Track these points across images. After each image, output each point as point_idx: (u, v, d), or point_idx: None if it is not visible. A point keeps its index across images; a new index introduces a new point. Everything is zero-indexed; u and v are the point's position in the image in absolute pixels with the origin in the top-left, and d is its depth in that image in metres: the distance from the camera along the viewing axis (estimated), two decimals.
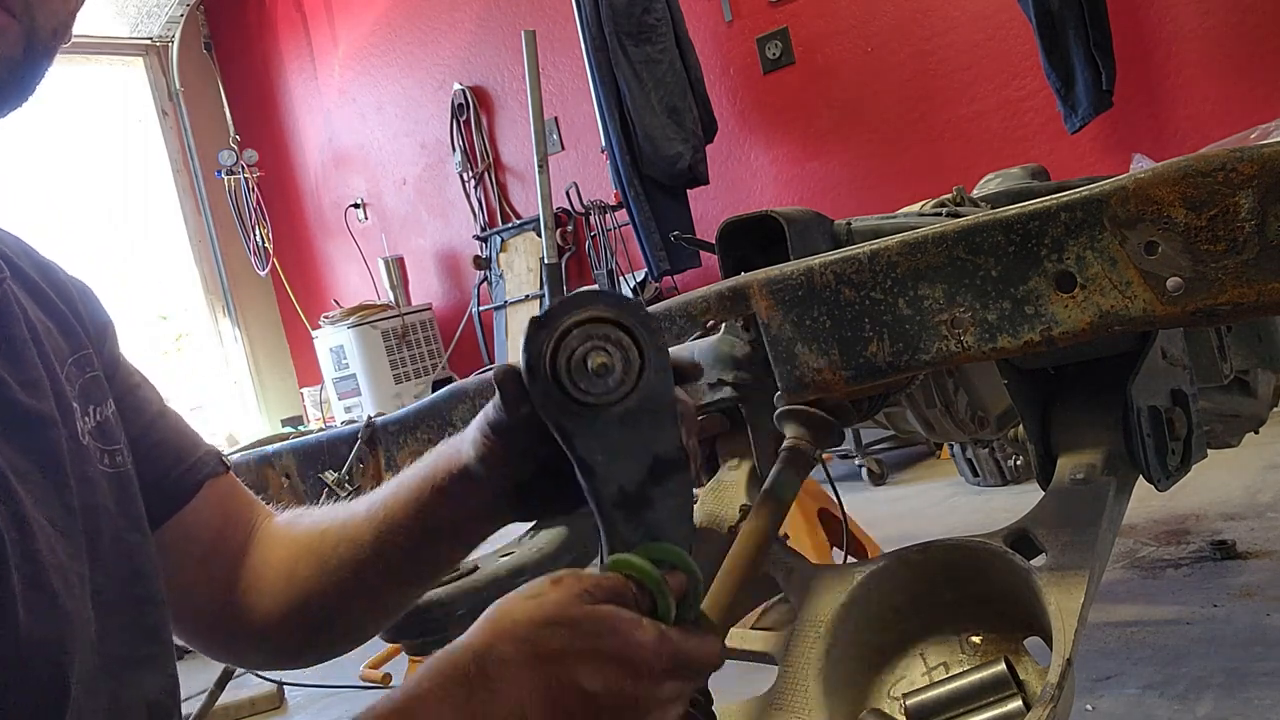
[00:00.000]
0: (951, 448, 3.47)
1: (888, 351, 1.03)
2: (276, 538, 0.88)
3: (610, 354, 0.65)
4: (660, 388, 0.67)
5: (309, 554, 0.83)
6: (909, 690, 1.07)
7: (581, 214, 5.02)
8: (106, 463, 0.74)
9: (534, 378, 0.66)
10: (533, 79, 3.90)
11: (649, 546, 0.67)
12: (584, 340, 0.65)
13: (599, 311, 0.65)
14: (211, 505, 0.86)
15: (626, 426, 0.66)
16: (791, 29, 4.51)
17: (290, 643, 0.86)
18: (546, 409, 0.66)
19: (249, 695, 2.91)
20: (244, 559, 0.87)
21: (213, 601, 0.84)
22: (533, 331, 0.66)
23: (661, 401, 0.67)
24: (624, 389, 0.65)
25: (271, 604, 0.84)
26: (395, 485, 0.81)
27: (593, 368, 0.64)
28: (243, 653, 0.89)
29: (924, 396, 1.66)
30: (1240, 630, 1.96)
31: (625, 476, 0.66)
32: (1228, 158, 0.85)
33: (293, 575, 0.83)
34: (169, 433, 0.85)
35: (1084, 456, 1.20)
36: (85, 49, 6.23)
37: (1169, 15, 3.72)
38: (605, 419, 0.66)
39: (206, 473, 0.86)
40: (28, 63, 0.65)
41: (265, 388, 6.63)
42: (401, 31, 5.83)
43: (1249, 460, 2.82)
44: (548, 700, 0.60)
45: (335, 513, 0.85)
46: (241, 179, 6.30)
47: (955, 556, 1.11)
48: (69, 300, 0.79)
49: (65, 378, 0.73)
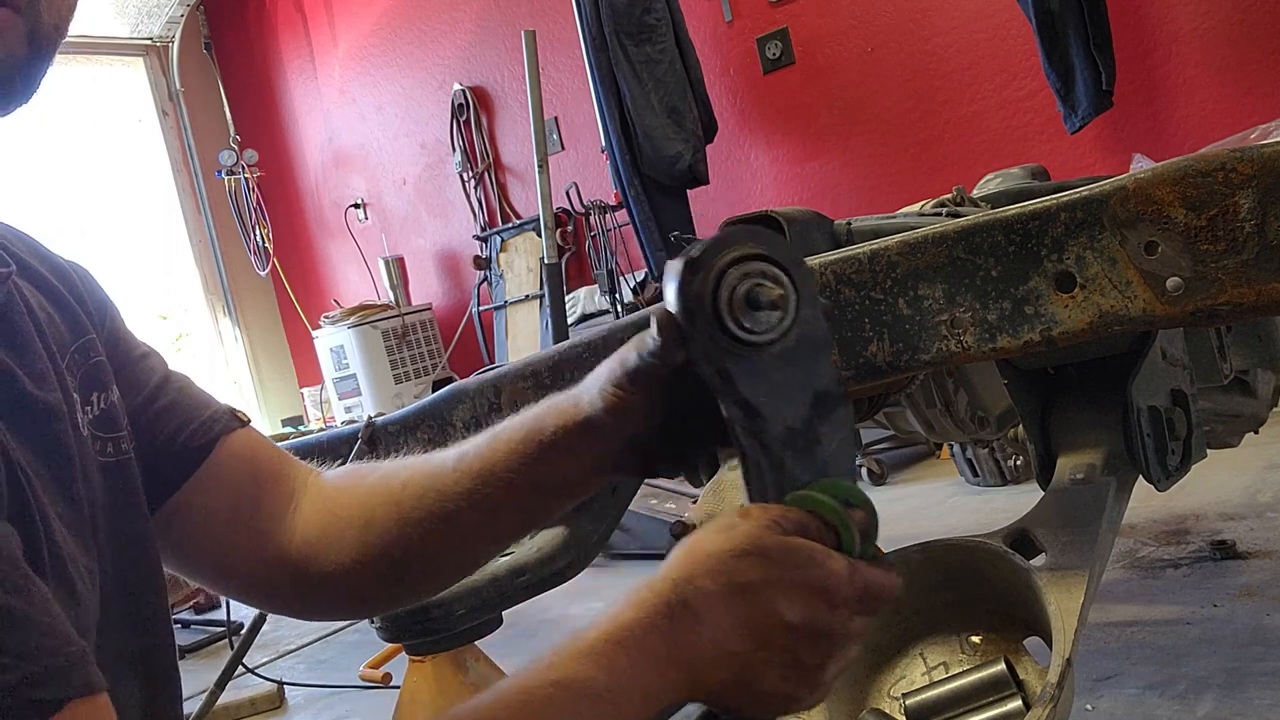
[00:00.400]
0: (951, 448, 3.47)
1: (888, 351, 1.03)
2: (340, 488, 0.86)
3: (771, 288, 0.63)
4: (816, 322, 0.66)
5: (388, 503, 0.81)
6: (909, 690, 1.07)
7: (581, 214, 5.02)
8: (108, 452, 0.74)
9: (694, 320, 0.63)
10: (533, 79, 3.90)
11: (824, 483, 0.66)
12: (742, 278, 0.63)
13: (752, 249, 0.64)
14: (232, 462, 0.84)
15: (788, 364, 0.65)
16: (791, 29, 4.51)
17: (368, 590, 0.84)
18: (709, 352, 0.64)
19: (249, 695, 2.91)
20: (296, 512, 0.85)
21: (265, 558, 0.83)
22: (688, 274, 0.63)
23: (818, 335, 0.66)
24: (784, 325, 0.64)
25: (345, 554, 0.82)
26: (491, 438, 0.79)
27: (766, 302, 0.63)
28: (313, 604, 0.87)
29: (924, 396, 1.66)
30: (1240, 630, 1.96)
31: (791, 415, 0.65)
32: (1227, 158, 0.85)
33: (369, 524, 0.81)
34: (175, 397, 0.84)
35: (1084, 456, 1.20)
36: (85, 49, 6.23)
37: (1169, 15, 3.72)
38: (767, 358, 0.64)
39: (218, 430, 0.84)
40: (32, 59, 0.65)
41: (265, 388, 6.63)
42: (401, 31, 5.83)
43: (1249, 460, 2.82)
44: (749, 629, 0.61)
45: (414, 463, 0.83)
46: (241, 179, 6.30)
47: (955, 556, 1.11)
48: (71, 287, 0.79)
49: (67, 368, 0.72)
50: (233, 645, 2.95)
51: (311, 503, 0.86)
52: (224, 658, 2.68)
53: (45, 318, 0.73)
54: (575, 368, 1.28)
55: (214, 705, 2.19)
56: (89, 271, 0.83)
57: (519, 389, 1.33)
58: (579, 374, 1.27)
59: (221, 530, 0.82)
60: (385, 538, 0.81)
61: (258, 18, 6.46)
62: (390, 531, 0.81)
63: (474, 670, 1.88)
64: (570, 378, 1.28)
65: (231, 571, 0.84)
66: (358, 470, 0.88)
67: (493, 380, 1.37)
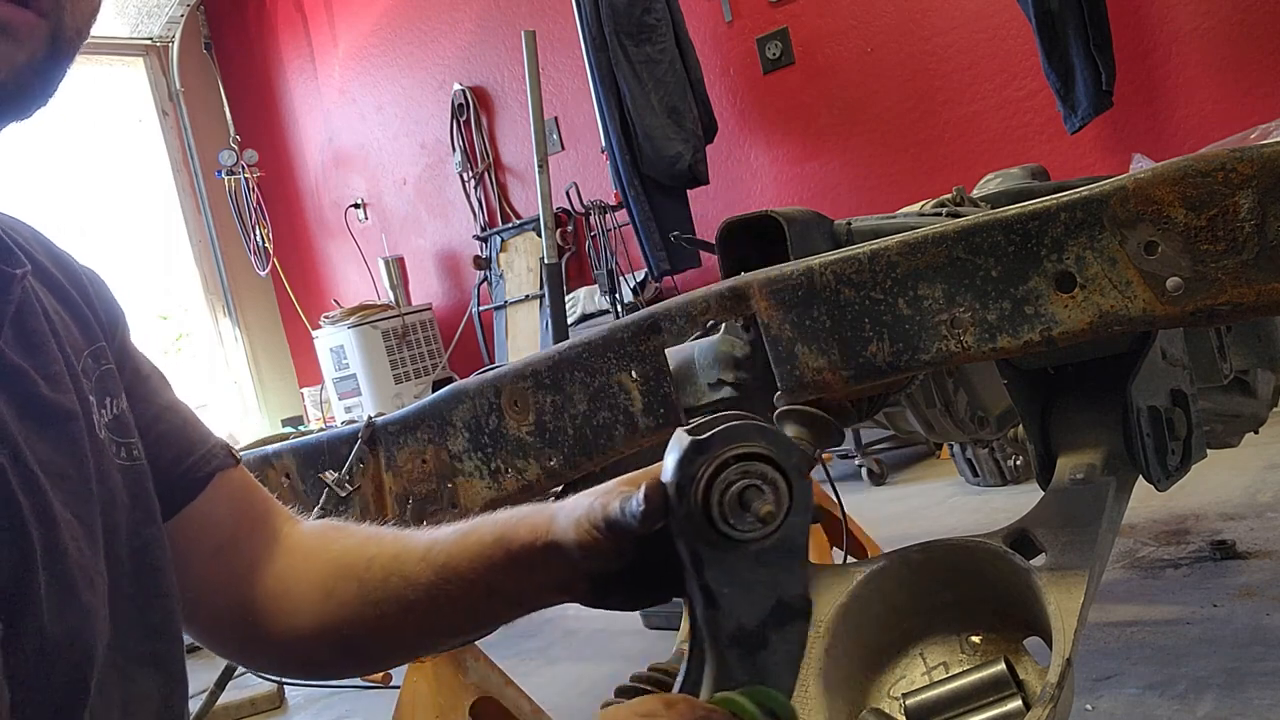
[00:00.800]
0: (951, 448, 3.46)
1: (888, 351, 1.03)
2: (312, 549, 0.86)
3: (765, 495, 0.64)
4: (799, 531, 0.66)
5: (350, 578, 0.82)
6: (909, 690, 1.07)
7: (581, 214, 5.02)
8: (123, 456, 0.74)
9: (682, 500, 0.65)
10: (533, 79, 3.90)
11: (757, 690, 0.66)
12: (742, 476, 0.64)
13: (760, 448, 0.65)
14: (223, 500, 0.85)
15: (760, 565, 0.65)
16: (791, 29, 4.51)
17: (318, 658, 0.85)
18: (685, 533, 0.65)
19: (249, 695, 2.91)
20: (267, 562, 0.86)
21: (230, 602, 0.83)
22: (690, 455, 0.64)
23: (797, 544, 0.66)
24: (768, 529, 0.65)
25: (303, 618, 0.83)
26: (461, 535, 0.79)
27: (756, 512, 0.64)
28: (260, 657, 0.87)
29: (924, 396, 1.66)
30: (1240, 630, 1.96)
31: (748, 614, 0.66)
32: (1227, 158, 0.85)
33: (330, 594, 0.82)
34: (178, 424, 0.84)
35: (1084, 456, 1.20)
36: (85, 49, 6.15)
37: (1169, 15, 3.72)
38: (741, 554, 0.65)
39: (216, 465, 0.85)
40: (53, 62, 0.65)
41: (265, 388, 6.63)
42: (401, 31, 5.83)
43: (1249, 460, 2.82)
44: None
45: (384, 541, 0.83)
46: (241, 179, 6.30)
47: (955, 556, 1.11)
48: (83, 292, 0.78)
49: (82, 371, 0.72)
50: None
51: (282, 558, 0.86)
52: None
53: (59, 320, 0.73)
54: (575, 368, 1.28)
55: (214, 705, 2.19)
56: (103, 280, 0.83)
57: (519, 389, 1.33)
58: (579, 374, 1.27)
59: (202, 566, 0.82)
60: (343, 612, 0.81)
61: (258, 18, 6.46)
62: (349, 607, 0.81)
63: (474, 670, 1.87)
64: (570, 378, 1.28)
65: (199, 608, 0.83)
66: (328, 533, 0.88)
67: (493, 380, 1.37)
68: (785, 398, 1.13)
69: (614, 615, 2.94)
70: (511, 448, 1.35)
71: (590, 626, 3.01)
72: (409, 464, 1.47)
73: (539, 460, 1.33)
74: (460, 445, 1.40)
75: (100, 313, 0.79)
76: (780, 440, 0.66)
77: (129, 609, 0.70)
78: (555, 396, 1.29)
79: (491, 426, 1.36)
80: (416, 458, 1.46)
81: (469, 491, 1.40)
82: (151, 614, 0.73)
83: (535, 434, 1.32)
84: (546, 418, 1.30)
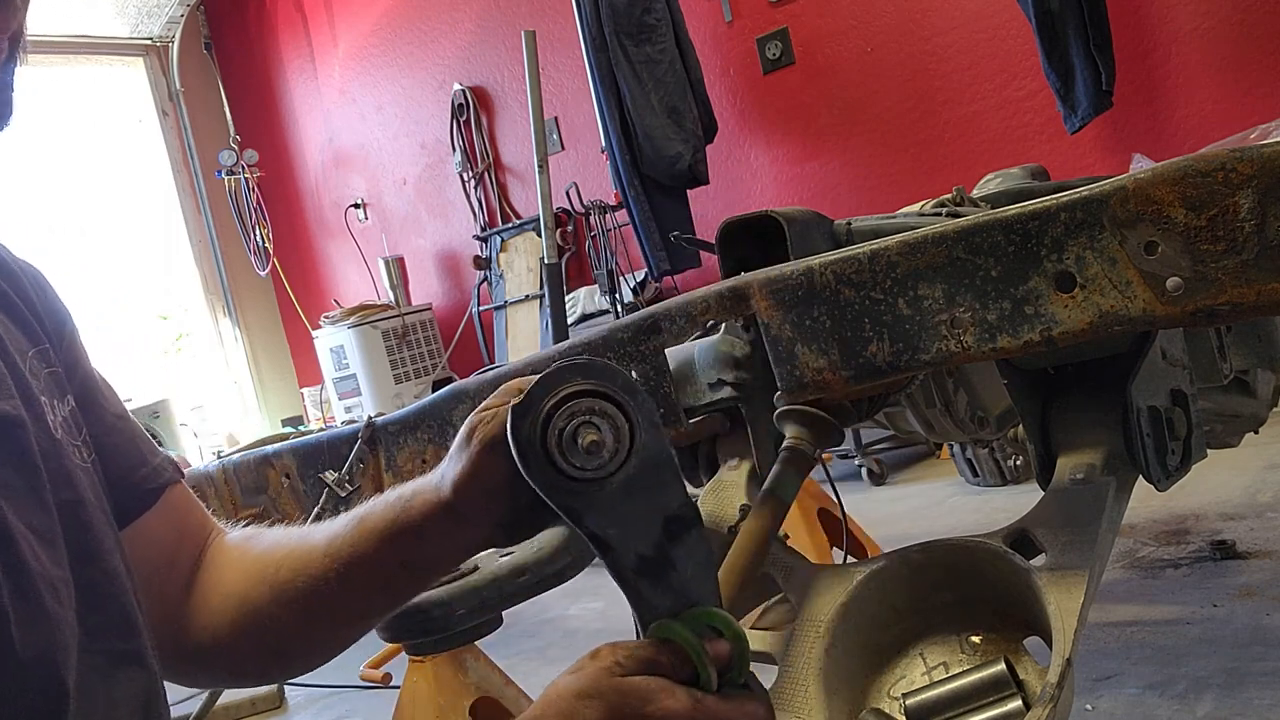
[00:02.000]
0: (951, 448, 3.47)
1: (888, 351, 1.03)
2: (228, 559, 0.87)
3: (599, 426, 0.64)
4: (656, 448, 0.66)
5: (261, 583, 0.82)
6: (909, 690, 1.07)
7: (581, 214, 5.02)
8: (80, 458, 0.73)
9: (528, 464, 0.65)
10: (533, 79, 3.90)
11: (692, 613, 0.66)
12: (569, 419, 0.64)
13: (576, 385, 0.65)
14: (167, 516, 0.84)
15: (631, 493, 0.65)
16: (791, 29, 4.51)
17: (242, 665, 0.86)
18: (550, 492, 0.65)
19: (249, 695, 2.91)
20: (194, 577, 0.86)
21: (163, 619, 0.83)
22: (516, 420, 0.65)
23: (660, 460, 0.66)
24: (619, 458, 0.65)
25: (221, 627, 0.83)
26: (358, 521, 0.80)
27: (584, 445, 0.64)
28: (189, 672, 0.87)
29: (924, 396, 1.66)
30: (1240, 630, 1.96)
31: (641, 543, 0.66)
32: (1227, 158, 0.85)
33: (244, 601, 0.82)
34: (129, 436, 0.83)
35: (1084, 456, 1.20)
36: (85, 49, 6.23)
37: (1169, 15, 3.72)
38: (609, 490, 0.65)
39: (166, 479, 0.84)
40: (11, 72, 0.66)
41: (265, 388, 6.63)
42: (401, 31, 5.83)
43: (1249, 460, 2.82)
44: None
45: (289, 544, 0.84)
46: (241, 179, 6.30)
47: (955, 556, 1.11)
48: (21, 291, 0.76)
49: (29, 371, 0.71)
50: None
51: (205, 570, 0.86)
52: None
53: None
54: None
55: (214, 705, 2.19)
56: (45, 278, 0.81)
57: None
58: None
59: (143, 582, 0.81)
60: (259, 617, 0.82)
61: (258, 18, 6.46)
62: (264, 611, 0.82)
63: (474, 670, 1.88)
64: None
65: None
66: (244, 542, 0.88)
67: (492, 380, 1.37)
68: (785, 398, 1.13)
69: (614, 615, 2.94)
70: None
71: (590, 627, 3.01)
72: (409, 464, 1.47)
73: None
74: None
75: (43, 314, 0.77)
76: (603, 368, 0.66)
77: (101, 609, 0.69)
78: None
79: None
80: (416, 458, 1.46)
81: None
82: (125, 611, 0.73)
83: None
84: None
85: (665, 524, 0.66)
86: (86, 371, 0.82)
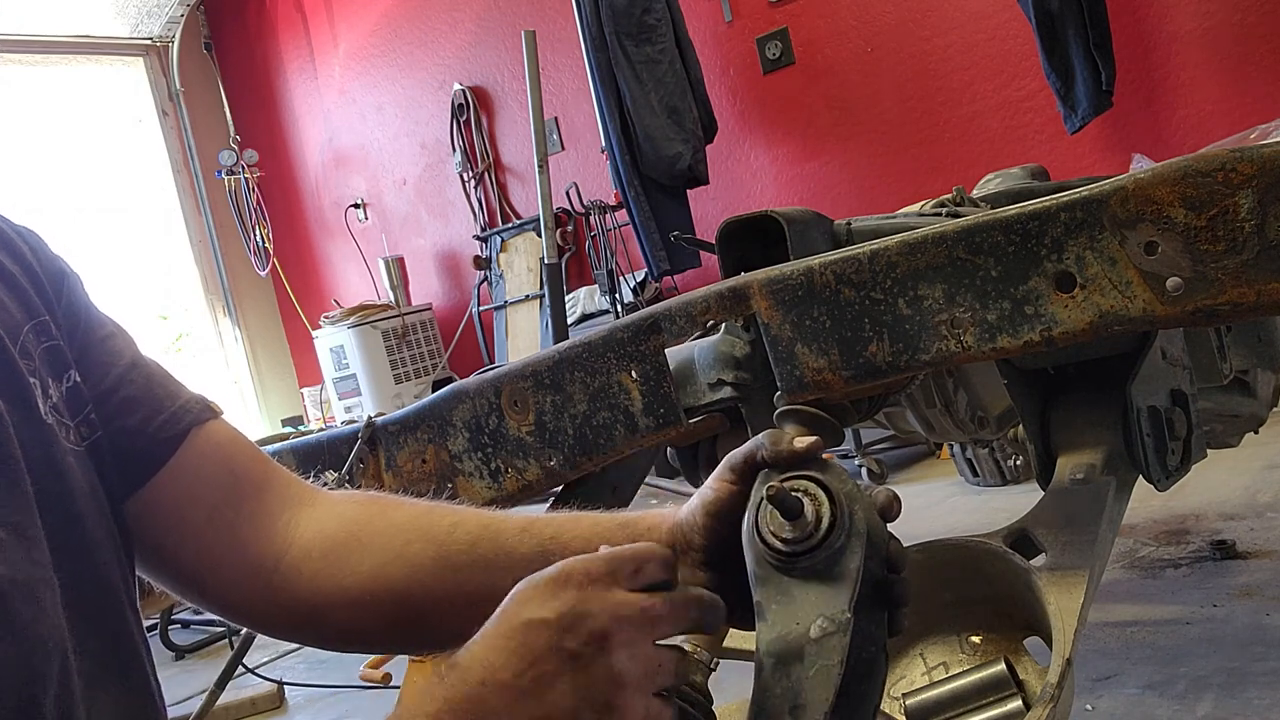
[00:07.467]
0: (951, 448, 3.47)
1: (888, 351, 1.03)
2: (362, 514, 0.79)
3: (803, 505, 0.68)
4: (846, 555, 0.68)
5: (428, 541, 0.75)
6: (909, 690, 1.07)
7: (581, 214, 5.02)
8: (73, 440, 0.68)
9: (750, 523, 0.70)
10: (533, 79, 3.90)
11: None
12: (789, 492, 0.68)
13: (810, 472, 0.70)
14: (207, 457, 0.77)
15: (802, 582, 0.68)
16: (791, 29, 4.51)
17: (360, 625, 0.77)
18: (746, 550, 0.69)
19: (249, 695, 2.91)
20: (288, 523, 0.78)
21: (246, 567, 0.76)
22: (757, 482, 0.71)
23: (844, 569, 0.68)
24: (805, 539, 0.68)
25: (352, 579, 0.75)
26: (571, 518, 0.76)
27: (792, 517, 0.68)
28: (286, 626, 0.79)
29: (924, 396, 1.66)
30: (1240, 630, 1.96)
31: (789, 629, 0.68)
32: (1227, 158, 0.85)
33: (399, 556, 0.75)
34: (143, 384, 0.76)
35: (1084, 456, 1.20)
36: (85, 49, 6.23)
37: (1169, 15, 3.72)
38: (787, 571, 0.68)
39: (190, 420, 0.77)
40: None
41: (265, 388, 6.63)
42: (401, 31, 5.83)
43: (1249, 460, 2.82)
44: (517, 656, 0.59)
45: (460, 510, 0.78)
46: (241, 179, 6.30)
47: (955, 556, 1.11)
48: (19, 256, 0.71)
49: (20, 352, 0.66)
50: (233, 645, 2.94)
51: (318, 519, 0.79)
52: (224, 658, 2.67)
53: None
54: (575, 368, 1.28)
55: (214, 705, 2.19)
56: (42, 239, 0.76)
57: (519, 389, 1.33)
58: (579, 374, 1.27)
59: (199, 531, 0.76)
60: (416, 575, 0.75)
61: (258, 18, 6.46)
62: (424, 570, 0.75)
63: None
64: (570, 378, 1.28)
65: (209, 579, 0.77)
66: (380, 499, 0.81)
67: (492, 380, 1.37)
68: (785, 398, 1.13)
69: None
70: (511, 448, 1.35)
71: None
72: (409, 464, 1.47)
73: (539, 460, 1.33)
74: (460, 445, 1.40)
75: (41, 276, 0.72)
76: (833, 468, 0.71)
77: (91, 615, 0.65)
78: (555, 396, 1.29)
79: (491, 426, 1.36)
80: (416, 458, 1.46)
81: (469, 491, 1.40)
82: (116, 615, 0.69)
83: (535, 434, 1.32)
84: (546, 418, 1.30)
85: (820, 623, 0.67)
86: (91, 324, 0.76)
